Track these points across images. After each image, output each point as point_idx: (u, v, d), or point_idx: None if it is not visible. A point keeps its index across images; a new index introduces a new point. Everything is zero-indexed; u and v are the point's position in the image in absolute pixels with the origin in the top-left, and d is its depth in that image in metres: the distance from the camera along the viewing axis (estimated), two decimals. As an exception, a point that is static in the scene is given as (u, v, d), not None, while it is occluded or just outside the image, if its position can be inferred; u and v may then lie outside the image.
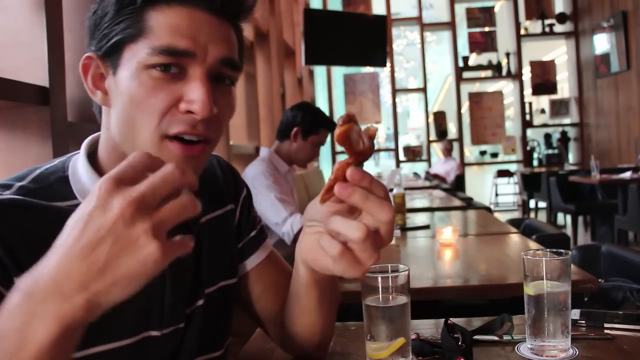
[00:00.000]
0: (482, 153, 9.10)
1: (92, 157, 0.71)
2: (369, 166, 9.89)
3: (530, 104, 8.44)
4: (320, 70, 7.76)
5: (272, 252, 0.91)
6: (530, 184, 7.32)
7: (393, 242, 2.02)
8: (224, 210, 0.84)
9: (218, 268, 0.81)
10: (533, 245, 1.90)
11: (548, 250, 0.87)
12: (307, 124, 2.44)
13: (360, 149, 0.58)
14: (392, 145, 8.43)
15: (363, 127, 0.58)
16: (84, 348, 0.62)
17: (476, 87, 8.99)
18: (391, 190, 2.57)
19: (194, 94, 0.64)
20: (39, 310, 0.41)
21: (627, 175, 4.93)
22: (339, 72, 8.31)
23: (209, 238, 0.79)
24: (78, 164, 0.70)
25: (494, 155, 8.80)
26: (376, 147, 7.12)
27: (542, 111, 8.67)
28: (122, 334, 0.66)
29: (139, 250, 0.42)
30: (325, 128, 2.50)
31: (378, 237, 0.59)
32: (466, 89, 8.47)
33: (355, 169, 0.57)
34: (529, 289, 0.86)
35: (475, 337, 0.91)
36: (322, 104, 7.77)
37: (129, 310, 0.66)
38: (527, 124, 8.27)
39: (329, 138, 2.76)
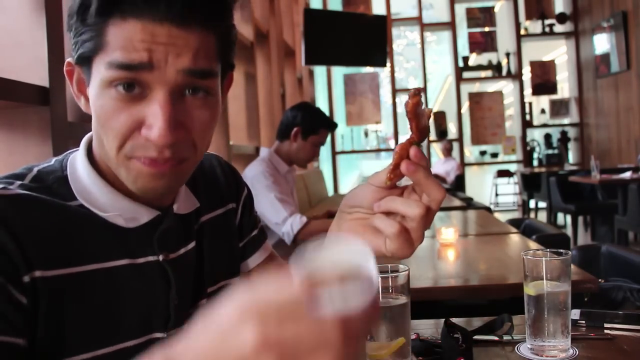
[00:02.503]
0: (482, 153, 9.10)
1: (90, 154, 0.70)
2: (370, 165, 9.90)
3: (530, 104, 8.44)
4: (320, 70, 7.76)
5: (272, 253, 0.92)
6: (530, 184, 7.32)
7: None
8: (224, 209, 0.84)
9: (220, 267, 0.81)
10: (533, 245, 1.90)
11: (548, 250, 0.88)
12: (307, 124, 2.44)
13: (423, 125, 0.63)
14: (392, 145, 8.43)
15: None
16: (90, 350, 0.62)
17: (476, 87, 8.98)
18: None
19: (153, 119, 0.61)
20: None
21: (627, 175, 4.93)
22: (339, 72, 8.30)
23: (210, 237, 0.79)
24: (77, 163, 0.69)
25: (494, 155, 8.79)
26: (375, 147, 7.02)
27: (542, 111, 8.67)
28: (128, 335, 0.66)
29: None
30: (325, 128, 2.50)
31: (428, 216, 0.62)
32: (466, 89, 8.47)
33: (418, 149, 0.62)
34: (529, 289, 0.86)
35: (475, 337, 0.91)
36: (322, 104, 7.77)
37: (134, 312, 0.67)
38: (527, 124, 8.26)
39: (328, 138, 2.76)
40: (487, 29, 8.34)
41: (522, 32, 8.15)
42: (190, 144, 0.65)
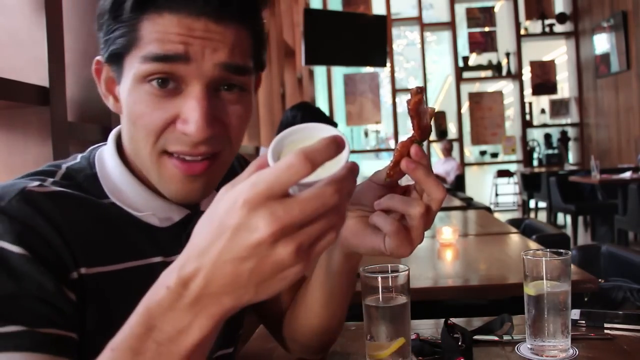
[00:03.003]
0: (482, 153, 9.10)
1: (120, 150, 0.69)
2: (370, 165, 9.89)
3: (530, 104, 8.44)
4: (320, 70, 7.76)
5: None
6: (530, 184, 7.32)
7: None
8: None
9: None
10: (533, 245, 1.90)
11: (548, 250, 0.88)
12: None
13: (425, 123, 0.62)
14: (392, 145, 8.42)
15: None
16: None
17: (476, 87, 8.98)
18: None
19: (190, 114, 0.60)
20: (194, 312, 0.43)
21: (627, 175, 4.93)
22: (339, 72, 8.30)
23: None
24: (106, 161, 0.69)
25: (494, 155, 8.79)
26: (375, 147, 7.00)
27: (542, 111, 8.67)
28: None
29: (282, 271, 0.41)
30: (325, 128, 2.50)
31: (428, 215, 0.62)
32: (466, 89, 8.47)
33: (419, 147, 0.62)
34: (529, 289, 0.86)
35: (475, 337, 0.91)
36: (322, 104, 7.76)
37: None
38: (527, 124, 8.27)
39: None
40: (487, 29, 8.34)
41: (522, 32, 8.16)
42: (226, 139, 0.65)
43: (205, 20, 0.59)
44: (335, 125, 2.63)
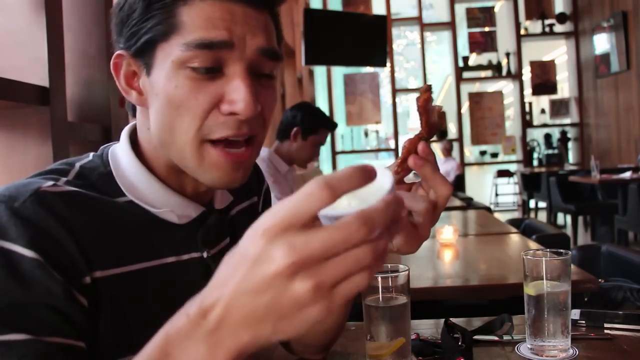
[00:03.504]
0: (482, 153, 9.09)
1: (134, 147, 0.68)
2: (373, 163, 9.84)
3: (530, 104, 8.44)
4: (320, 70, 7.76)
5: None
6: (530, 184, 7.32)
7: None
8: (250, 201, 0.85)
9: None
10: (533, 245, 1.90)
11: (548, 250, 0.88)
12: (307, 123, 2.43)
13: (432, 121, 0.63)
14: (392, 145, 8.42)
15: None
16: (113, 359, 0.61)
17: (476, 87, 8.98)
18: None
19: (237, 93, 0.61)
20: (211, 342, 0.41)
21: (627, 175, 4.93)
22: (339, 72, 8.30)
23: (239, 230, 0.79)
24: (121, 158, 0.68)
25: (494, 155, 8.79)
26: (375, 147, 7.00)
27: (542, 111, 8.67)
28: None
29: (300, 309, 0.38)
30: (325, 128, 2.50)
31: (435, 212, 0.62)
32: (466, 89, 8.47)
33: (426, 144, 0.63)
34: (529, 289, 0.86)
35: (475, 337, 0.91)
36: (322, 104, 7.76)
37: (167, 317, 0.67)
38: (527, 124, 8.27)
39: (328, 138, 2.76)
40: (487, 29, 8.34)
41: (522, 32, 8.15)
42: (261, 121, 0.66)
43: (243, 5, 0.61)
44: (335, 125, 2.63)
